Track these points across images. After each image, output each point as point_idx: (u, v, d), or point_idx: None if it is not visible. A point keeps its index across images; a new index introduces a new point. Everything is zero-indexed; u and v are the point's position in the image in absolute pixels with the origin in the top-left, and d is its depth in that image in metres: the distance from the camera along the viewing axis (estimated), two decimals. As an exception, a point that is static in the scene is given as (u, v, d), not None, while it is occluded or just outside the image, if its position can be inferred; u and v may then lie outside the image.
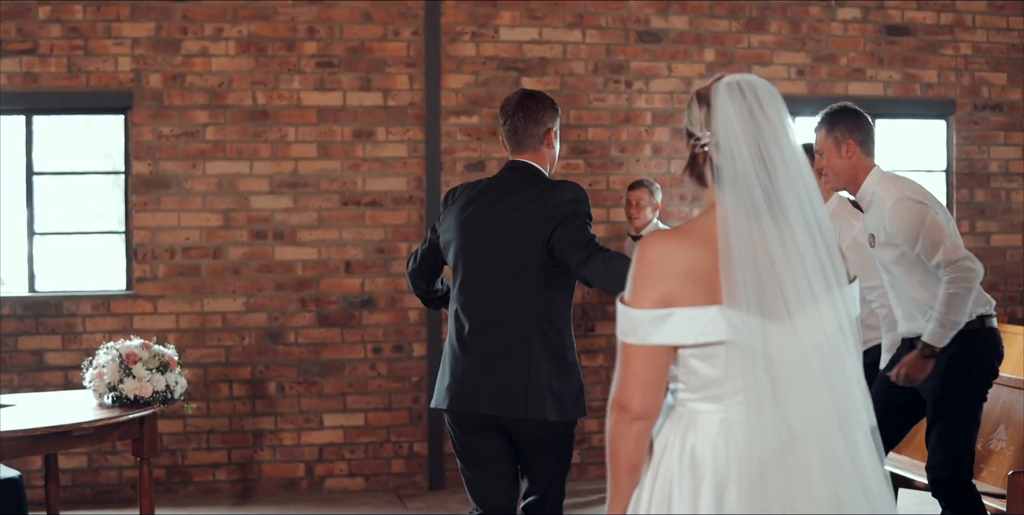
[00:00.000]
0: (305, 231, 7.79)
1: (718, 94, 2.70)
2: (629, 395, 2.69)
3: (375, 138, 7.87)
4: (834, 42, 8.52)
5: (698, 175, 2.79)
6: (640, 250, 2.71)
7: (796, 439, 2.63)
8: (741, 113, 2.66)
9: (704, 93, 2.76)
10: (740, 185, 2.65)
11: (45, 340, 7.53)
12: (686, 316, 2.64)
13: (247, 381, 7.74)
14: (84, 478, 7.59)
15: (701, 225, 2.73)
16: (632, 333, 2.67)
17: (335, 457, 7.83)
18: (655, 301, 2.65)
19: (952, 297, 4.80)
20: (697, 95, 2.78)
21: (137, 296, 7.64)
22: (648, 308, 2.65)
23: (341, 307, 7.79)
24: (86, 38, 7.54)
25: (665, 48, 8.25)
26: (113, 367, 5.67)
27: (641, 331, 2.66)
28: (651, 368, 2.68)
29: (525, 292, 4.28)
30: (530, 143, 4.44)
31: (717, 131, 2.69)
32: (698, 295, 2.65)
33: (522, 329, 4.28)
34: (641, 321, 2.66)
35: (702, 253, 2.67)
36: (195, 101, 7.66)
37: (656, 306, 2.65)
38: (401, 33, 7.89)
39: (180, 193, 7.65)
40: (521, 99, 4.45)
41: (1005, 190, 8.87)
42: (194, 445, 7.70)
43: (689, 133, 2.81)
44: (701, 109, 2.75)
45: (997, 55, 8.80)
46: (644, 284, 2.68)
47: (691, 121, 2.80)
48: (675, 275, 2.66)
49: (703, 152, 2.75)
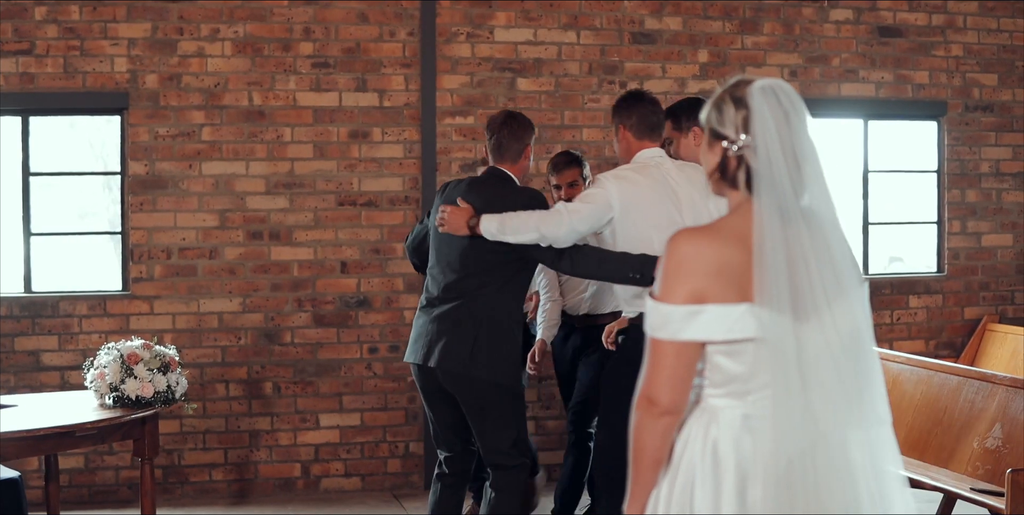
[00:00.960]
0: (301, 231, 7.80)
1: (755, 98, 2.73)
2: (658, 390, 2.71)
3: (371, 138, 7.88)
4: (826, 43, 8.56)
5: (731, 178, 2.81)
6: (671, 246, 2.73)
7: (822, 437, 2.67)
8: (777, 118, 2.71)
9: (740, 96, 2.77)
10: (775, 189, 2.69)
11: (42, 340, 7.52)
12: (717, 313, 2.67)
13: (243, 381, 7.75)
14: (81, 478, 7.58)
15: (732, 224, 2.76)
16: (663, 328, 2.70)
17: (331, 457, 7.84)
18: (686, 297, 2.68)
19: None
20: (732, 97, 2.79)
21: (133, 296, 7.64)
22: (679, 303, 2.68)
23: (337, 307, 7.80)
24: (82, 38, 7.54)
25: (659, 49, 8.28)
26: (115, 367, 5.69)
27: (672, 326, 2.68)
28: (681, 364, 2.70)
29: (484, 274, 5.21)
30: (509, 156, 5.39)
31: (756, 135, 2.72)
32: (728, 292, 2.68)
33: (476, 305, 5.21)
34: (672, 316, 2.68)
35: (733, 251, 2.70)
36: (191, 101, 7.66)
37: (687, 302, 2.67)
38: (397, 34, 7.90)
39: (176, 193, 7.66)
40: (506, 119, 5.39)
41: (996, 190, 8.92)
42: (191, 445, 7.70)
43: (718, 134, 2.82)
44: (739, 112, 2.76)
45: (988, 56, 8.86)
46: (676, 279, 2.70)
47: (722, 123, 2.80)
48: (707, 272, 2.68)
49: (738, 155, 2.78)
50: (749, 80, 2.79)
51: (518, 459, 5.40)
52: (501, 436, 5.34)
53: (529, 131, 5.41)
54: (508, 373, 5.27)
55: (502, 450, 5.36)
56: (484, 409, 5.30)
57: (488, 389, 5.25)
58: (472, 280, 5.25)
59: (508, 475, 5.41)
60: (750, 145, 2.74)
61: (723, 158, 2.81)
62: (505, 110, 5.64)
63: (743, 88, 2.78)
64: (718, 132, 2.82)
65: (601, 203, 5.02)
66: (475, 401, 5.30)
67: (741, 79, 2.82)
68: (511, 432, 5.34)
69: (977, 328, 8.68)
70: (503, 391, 5.27)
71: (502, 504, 5.40)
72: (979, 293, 8.87)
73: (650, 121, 5.27)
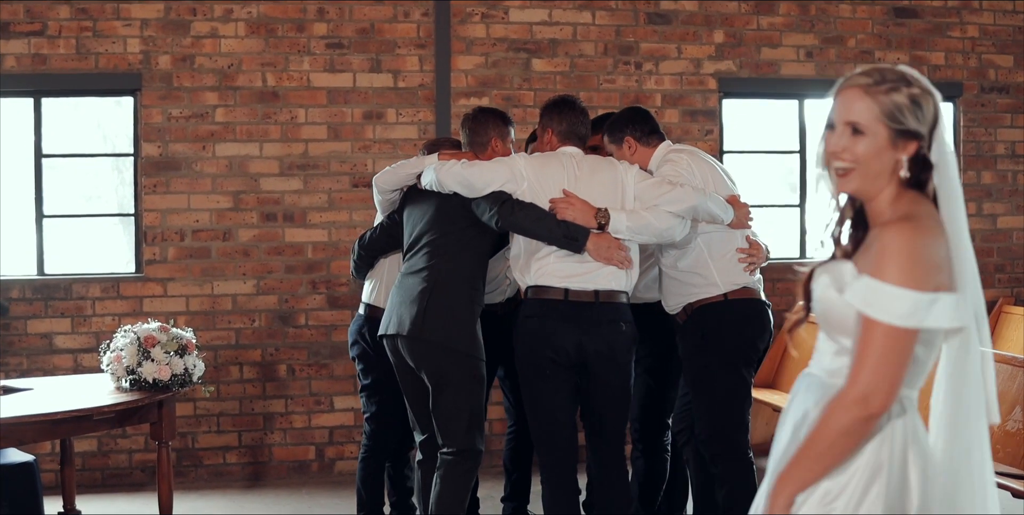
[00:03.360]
0: (315, 213, 7.76)
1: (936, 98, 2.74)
2: (878, 387, 2.61)
3: (385, 120, 7.83)
4: (842, 24, 8.50)
5: (916, 180, 2.77)
6: (912, 232, 2.65)
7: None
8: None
9: (928, 89, 2.75)
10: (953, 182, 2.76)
11: (54, 323, 7.50)
12: (948, 301, 2.63)
13: (257, 364, 7.72)
14: (94, 462, 7.57)
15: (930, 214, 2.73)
16: (910, 316, 2.60)
17: (346, 439, 7.82)
18: (934, 285, 2.63)
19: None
20: (926, 91, 2.75)
21: (147, 279, 7.60)
22: (928, 291, 2.61)
23: (351, 289, 7.75)
24: (95, 19, 7.48)
25: (675, 30, 8.22)
26: (132, 350, 5.67)
27: (919, 314, 2.61)
28: (908, 356, 2.64)
29: (440, 242, 5.34)
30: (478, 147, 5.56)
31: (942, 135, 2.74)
32: (950, 282, 2.67)
33: (431, 272, 5.29)
34: (920, 304, 2.60)
35: (944, 239, 2.71)
36: (204, 83, 7.61)
37: (934, 289, 2.63)
38: (411, 14, 7.85)
39: (190, 175, 7.62)
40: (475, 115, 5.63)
41: (1012, 172, 8.87)
42: (205, 428, 7.68)
43: (913, 133, 2.73)
44: (931, 108, 2.75)
45: (1004, 37, 8.79)
46: (925, 267, 2.63)
47: (920, 120, 2.73)
48: (942, 262, 2.66)
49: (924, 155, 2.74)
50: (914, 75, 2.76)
51: (472, 444, 5.26)
52: (457, 414, 5.22)
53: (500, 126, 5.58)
54: (462, 339, 5.21)
55: (457, 431, 5.23)
56: (440, 379, 5.22)
57: (442, 356, 5.20)
58: (430, 249, 5.36)
59: (460, 463, 5.25)
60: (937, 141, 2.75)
61: (916, 158, 2.76)
62: (477, 107, 5.85)
63: (922, 82, 2.74)
64: (914, 131, 2.74)
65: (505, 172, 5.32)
66: (431, 369, 5.22)
67: (905, 70, 2.76)
68: (465, 413, 5.22)
69: (992, 311, 8.63)
70: (459, 360, 5.21)
71: (446, 496, 5.24)
72: (994, 275, 8.81)
73: (578, 130, 5.42)
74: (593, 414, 5.27)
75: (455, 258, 5.33)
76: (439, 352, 5.21)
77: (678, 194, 5.12)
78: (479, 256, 5.43)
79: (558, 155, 5.32)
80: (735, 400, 5.36)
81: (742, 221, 5.44)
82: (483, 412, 5.35)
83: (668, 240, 5.22)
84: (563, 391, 5.19)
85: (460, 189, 5.27)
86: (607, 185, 5.23)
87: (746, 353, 5.40)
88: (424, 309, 5.22)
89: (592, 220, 5.10)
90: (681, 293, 5.44)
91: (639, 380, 5.80)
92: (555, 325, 5.12)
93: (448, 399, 5.23)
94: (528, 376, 5.24)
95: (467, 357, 5.23)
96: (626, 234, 5.11)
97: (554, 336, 5.12)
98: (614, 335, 5.14)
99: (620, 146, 5.54)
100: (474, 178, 5.23)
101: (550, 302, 5.15)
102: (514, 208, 5.13)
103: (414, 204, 5.55)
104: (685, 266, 5.40)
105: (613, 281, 5.16)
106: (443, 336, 5.20)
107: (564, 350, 5.12)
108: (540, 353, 5.15)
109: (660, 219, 5.11)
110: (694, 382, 5.43)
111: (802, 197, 8.58)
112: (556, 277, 5.15)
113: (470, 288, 5.33)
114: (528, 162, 5.26)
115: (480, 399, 5.31)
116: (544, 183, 5.20)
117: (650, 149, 5.53)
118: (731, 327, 5.34)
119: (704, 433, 5.41)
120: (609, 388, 5.19)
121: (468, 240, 5.37)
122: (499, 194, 5.20)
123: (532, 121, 7.47)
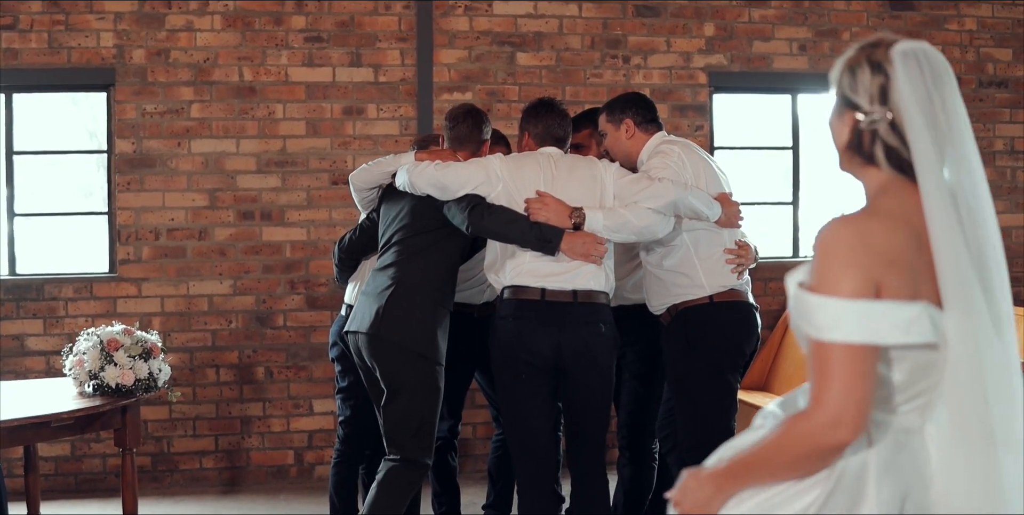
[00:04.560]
0: (294, 211, 7.58)
1: (896, 64, 2.40)
2: (838, 408, 2.28)
3: (366, 115, 7.65)
4: (836, 16, 8.31)
5: (867, 154, 2.48)
6: (831, 231, 2.34)
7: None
8: (920, 89, 2.39)
9: (878, 60, 2.44)
10: (928, 170, 2.38)
11: (26, 324, 7.32)
12: (893, 310, 2.29)
13: (234, 366, 7.55)
14: (67, 467, 7.39)
15: (890, 207, 2.41)
16: (834, 328, 2.27)
17: (325, 444, 7.64)
18: (859, 289, 2.28)
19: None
20: (869, 60, 2.45)
21: (121, 279, 7.42)
22: (850, 297, 2.28)
23: (331, 289, 7.58)
24: (67, 13, 7.30)
25: (664, 22, 8.03)
26: (94, 354, 5.49)
27: (845, 326, 2.27)
28: (858, 373, 2.28)
29: (408, 243, 5.24)
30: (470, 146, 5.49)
31: (899, 107, 2.41)
32: (903, 287, 2.32)
33: (396, 272, 5.18)
34: (845, 313, 2.27)
35: (902, 238, 2.35)
36: (180, 77, 7.43)
37: (860, 295, 2.28)
38: (392, 7, 7.66)
39: (164, 172, 7.44)
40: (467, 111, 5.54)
41: (1011, 169, 8.67)
42: (180, 432, 7.50)
43: (850, 102, 2.48)
44: (875, 78, 2.44)
45: (1003, 30, 8.59)
46: (844, 268, 2.30)
47: (855, 89, 2.46)
48: (879, 261, 2.30)
49: (871, 129, 2.45)
50: (890, 41, 2.45)
51: (417, 455, 5.09)
52: (405, 420, 5.06)
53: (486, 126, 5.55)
54: (418, 340, 5.07)
55: (403, 439, 5.08)
56: (392, 382, 5.08)
57: (397, 356, 5.07)
58: (399, 247, 5.27)
59: (401, 472, 5.09)
60: (884, 119, 2.43)
61: (855, 131, 2.48)
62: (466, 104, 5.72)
63: (883, 50, 2.45)
64: (850, 100, 2.47)
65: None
66: (385, 370, 5.09)
67: (882, 38, 2.48)
68: (414, 421, 5.06)
69: (992, 311, 8.42)
70: (413, 362, 5.06)
71: (379, 505, 5.06)
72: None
73: (555, 132, 5.29)
74: (572, 419, 5.09)
75: (423, 258, 5.21)
76: (395, 352, 5.08)
77: (657, 189, 4.93)
78: (449, 257, 5.30)
79: (535, 155, 5.17)
80: (720, 407, 5.16)
81: (731, 220, 5.24)
82: (434, 423, 5.16)
83: (650, 238, 5.02)
84: (540, 395, 5.02)
85: (433, 191, 5.13)
86: (585, 183, 5.06)
87: (732, 358, 5.20)
88: (383, 307, 5.11)
89: (567, 220, 4.92)
90: (665, 293, 5.25)
91: (627, 385, 5.63)
92: (531, 326, 4.95)
93: (399, 404, 5.09)
94: (504, 379, 5.08)
95: (422, 359, 5.08)
96: (603, 233, 4.93)
97: (530, 337, 4.95)
98: (592, 336, 4.95)
99: (618, 128, 5.33)
100: (447, 180, 5.08)
101: (526, 302, 4.98)
102: (484, 213, 4.97)
103: (390, 202, 5.44)
104: (670, 265, 5.20)
105: (592, 281, 4.97)
106: (399, 336, 5.07)
107: (540, 352, 4.94)
108: (515, 355, 4.98)
109: (639, 216, 4.91)
110: (677, 387, 5.23)
111: (795, 194, 8.38)
112: (533, 276, 4.98)
113: (435, 289, 5.20)
114: (503, 163, 5.10)
115: (433, 408, 5.13)
116: (520, 183, 5.05)
117: (646, 136, 5.34)
118: (716, 331, 5.14)
119: (687, 441, 5.21)
120: (587, 391, 5.00)
121: (439, 240, 5.24)
122: (471, 197, 5.04)
123: (517, 117, 7.26)
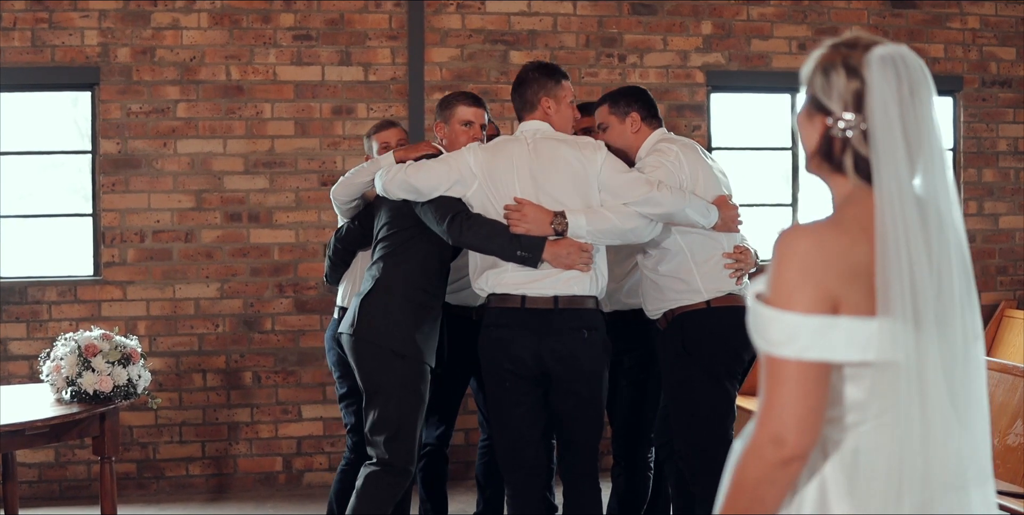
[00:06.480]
0: (282, 213, 7.45)
1: (873, 69, 2.25)
2: (785, 426, 2.18)
3: (356, 115, 7.53)
4: (836, 14, 8.18)
5: (836, 162, 2.33)
6: (786, 241, 2.24)
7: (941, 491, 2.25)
8: (900, 97, 2.24)
9: (855, 64, 2.29)
10: (899, 179, 2.23)
11: (9, 328, 7.20)
12: (851, 327, 2.19)
13: (221, 371, 7.42)
14: (51, 473, 7.26)
15: (854, 216, 2.28)
16: (787, 344, 2.18)
17: (314, 450, 7.52)
18: (816, 303, 2.19)
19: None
20: (845, 64, 2.31)
21: (105, 282, 7.29)
22: (807, 312, 2.18)
23: (320, 293, 7.45)
24: (51, 10, 7.18)
25: (660, 20, 7.90)
26: (71, 360, 5.35)
27: (800, 342, 2.18)
28: (810, 391, 2.18)
29: (384, 246, 5.16)
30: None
31: (872, 116, 2.25)
32: (864, 302, 2.21)
33: (376, 274, 5.11)
34: (801, 329, 2.18)
35: (865, 250, 2.23)
36: (165, 76, 7.30)
37: (817, 310, 2.19)
38: (383, 4, 7.54)
39: (150, 173, 7.31)
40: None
41: (1014, 170, 8.55)
42: (166, 438, 7.37)
43: (821, 106, 2.35)
44: (850, 83, 2.29)
45: (1006, 29, 8.47)
46: (800, 282, 2.20)
47: (828, 93, 2.32)
48: (838, 274, 2.20)
49: (842, 137, 2.31)
50: (867, 43, 2.30)
51: (397, 460, 4.98)
52: (382, 423, 4.96)
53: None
54: (396, 338, 4.97)
55: (379, 442, 4.97)
56: (369, 383, 5.00)
57: (374, 356, 4.98)
58: (384, 244, 5.20)
59: (381, 477, 4.99)
60: (858, 127, 2.28)
61: (824, 137, 2.34)
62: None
63: (860, 53, 2.30)
64: (822, 103, 2.34)
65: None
66: (363, 370, 5.02)
67: (859, 39, 2.33)
68: (392, 424, 4.95)
69: (994, 315, 8.31)
70: (389, 362, 4.97)
71: (363, 509, 4.96)
72: (996, 278, 8.50)
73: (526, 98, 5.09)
74: (561, 427, 4.95)
75: (407, 257, 5.12)
76: (372, 352, 4.99)
77: (656, 197, 4.77)
78: (428, 256, 5.17)
79: (512, 143, 4.97)
80: (716, 415, 5.02)
81: (729, 224, 5.09)
82: (415, 426, 5.02)
83: (635, 241, 4.88)
84: (524, 404, 4.87)
85: (408, 196, 5.00)
86: (565, 174, 4.86)
87: (729, 365, 5.05)
88: (360, 306, 5.06)
89: (548, 228, 4.77)
90: (661, 298, 5.10)
91: (622, 393, 5.51)
92: (512, 334, 4.81)
93: (376, 407, 5.00)
94: (490, 388, 4.95)
95: (399, 359, 4.96)
96: (587, 239, 4.78)
97: (511, 346, 4.81)
98: (576, 343, 4.79)
99: (623, 120, 5.19)
100: (419, 183, 4.94)
101: (507, 311, 4.84)
102: (463, 226, 4.84)
103: (380, 199, 5.31)
104: (667, 271, 5.05)
105: (576, 285, 4.81)
106: (375, 335, 4.99)
107: (522, 360, 4.80)
108: (499, 364, 4.85)
109: (625, 220, 4.76)
110: (674, 395, 5.08)
111: (794, 195, 8.26)
112: (512, 284, 4.84)
113: (416, 288, 5.09)
114: (477, 157, 4.94)
115: (412, 411, 5.00)
116: (496, 181, 4.89)
117: (649, 131, 5.23)
118: (714, 337, 5.00)
119: (683, 449, 5.07)
120: (576, 399, 4.84)
121: (424, 239, 5.11)
122: (447, 205, 4.91)
123: (509, 116, 7.20)
